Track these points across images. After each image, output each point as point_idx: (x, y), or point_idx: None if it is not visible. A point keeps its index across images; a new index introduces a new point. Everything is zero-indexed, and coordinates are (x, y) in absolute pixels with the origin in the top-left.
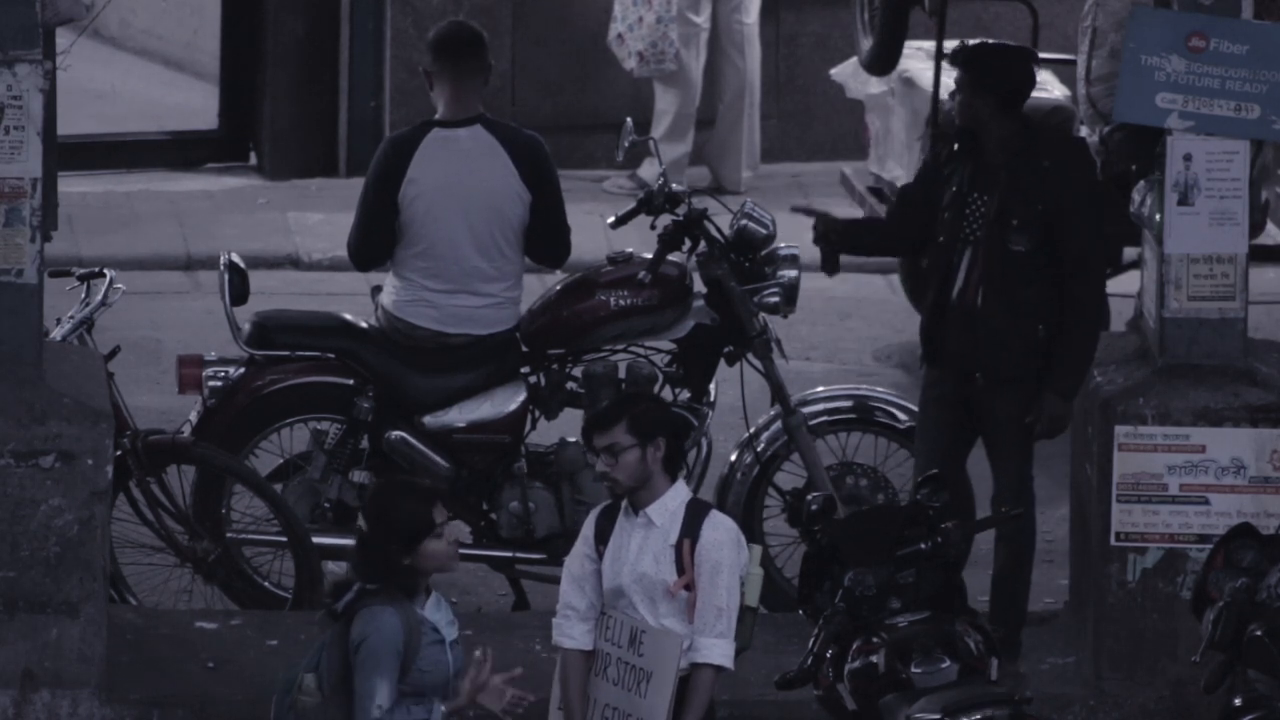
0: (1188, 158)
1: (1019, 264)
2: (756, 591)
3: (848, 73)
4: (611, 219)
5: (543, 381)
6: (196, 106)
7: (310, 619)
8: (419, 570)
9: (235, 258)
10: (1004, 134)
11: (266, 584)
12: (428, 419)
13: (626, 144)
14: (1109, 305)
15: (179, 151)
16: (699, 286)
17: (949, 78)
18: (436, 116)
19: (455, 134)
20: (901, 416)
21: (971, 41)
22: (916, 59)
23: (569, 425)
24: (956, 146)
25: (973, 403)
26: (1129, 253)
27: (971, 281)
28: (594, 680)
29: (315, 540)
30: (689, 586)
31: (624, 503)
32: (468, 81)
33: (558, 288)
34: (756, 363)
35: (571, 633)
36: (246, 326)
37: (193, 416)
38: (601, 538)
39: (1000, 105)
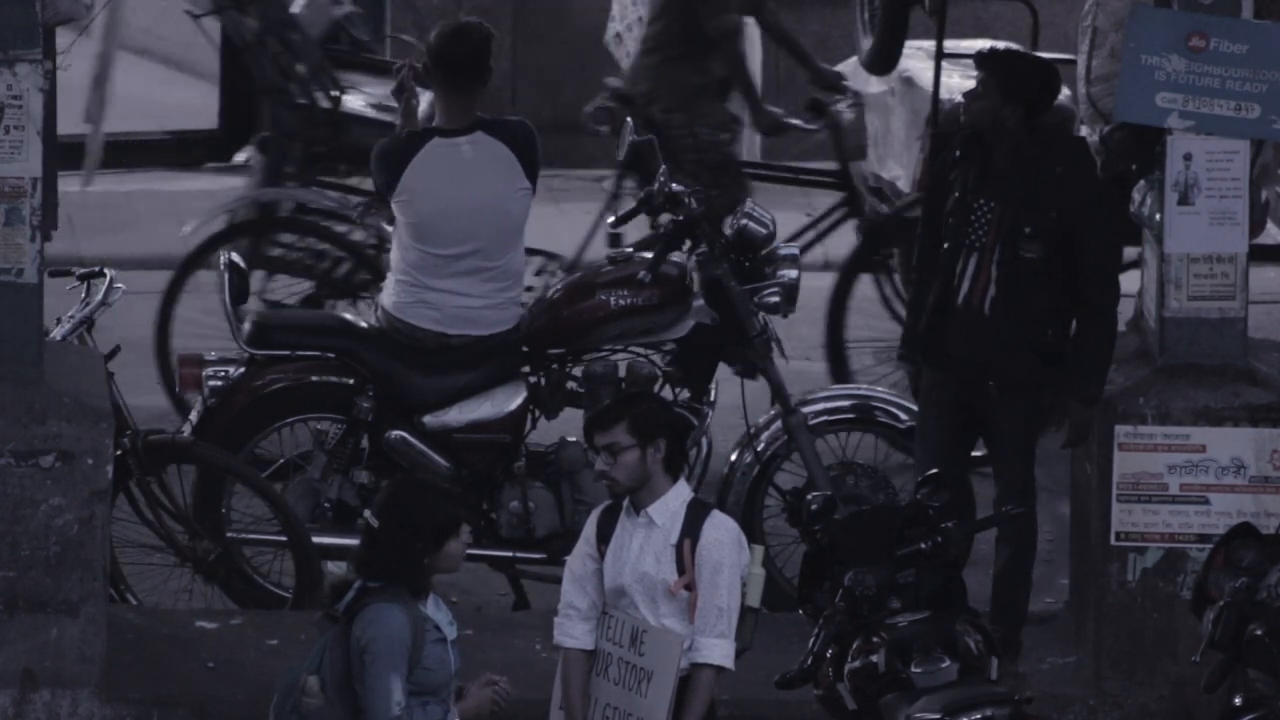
0: (1188, 157)
1: (1030, 271)
2: (758, 592)
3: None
4: (611, 219)
5: (543, 381)
6: (196, 106)
7: (310, 619)
8: (435, 570)
9: (235, 258)
10: (1017, 141)
11: (267, 584)
12: (428, 419)
13: (627, 144)
14: None
15: (179, 151)
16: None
17: (949, 78)
18: (434, 124)
19: (455, 142)
20: (902, 416)
21: (999, 45)
22: (916, 59)
23: (569, 425)
24: (959, 153)
25: (978, 407)
26: (1129, 253)
27: (977, 287)
28: (595, 680)
29: (315, 540)
30: (689, 586)
31: (625, 502)
32: (469, 93)
33: (558, 287)
34: (756, 362)
35: (573, 632)
36: (246, 326)
37: (193, 416)
38: (603, 537)
39: (1026, 115)
